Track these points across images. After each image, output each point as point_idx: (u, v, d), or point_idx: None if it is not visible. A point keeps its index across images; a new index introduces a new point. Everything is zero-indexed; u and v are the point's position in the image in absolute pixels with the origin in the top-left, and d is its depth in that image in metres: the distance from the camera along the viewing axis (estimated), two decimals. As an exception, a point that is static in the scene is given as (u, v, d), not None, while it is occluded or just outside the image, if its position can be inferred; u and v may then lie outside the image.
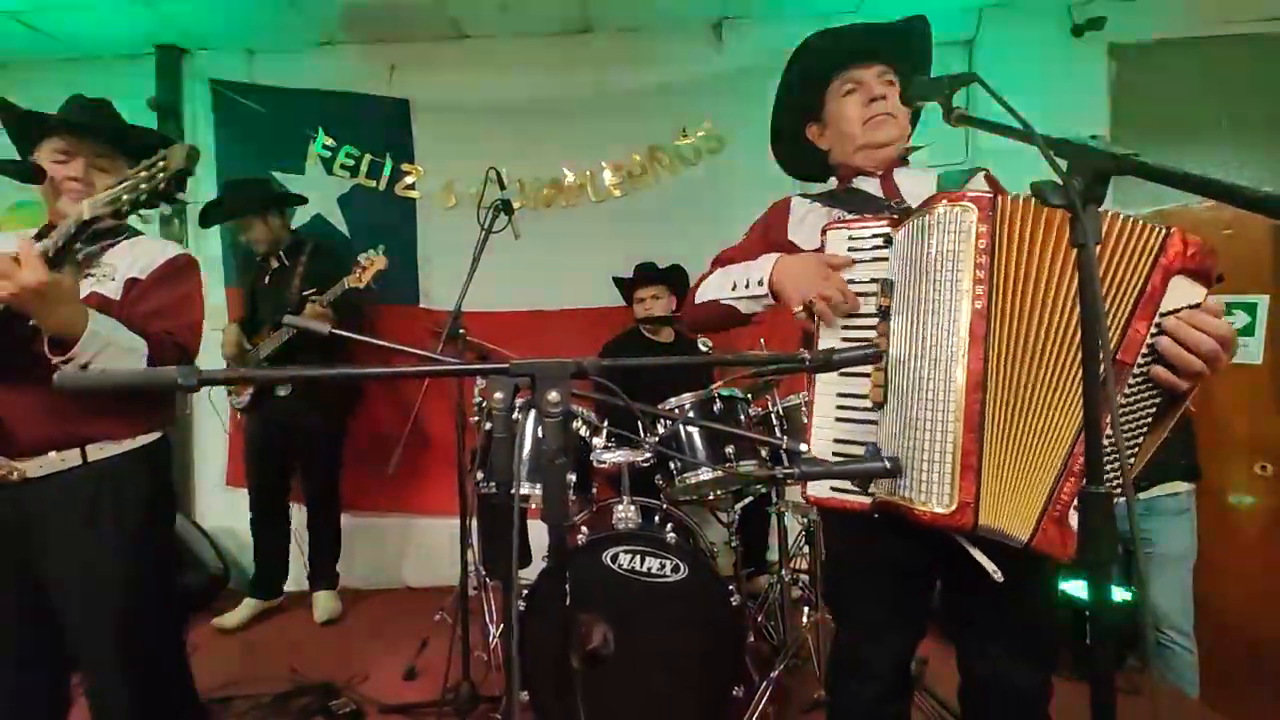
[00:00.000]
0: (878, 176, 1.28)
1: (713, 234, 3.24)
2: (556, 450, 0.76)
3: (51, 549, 1.30)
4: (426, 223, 3.38)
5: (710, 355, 2.25)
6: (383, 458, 3.15)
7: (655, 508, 2.04)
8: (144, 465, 1.40)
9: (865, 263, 1.09)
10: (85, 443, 1.32)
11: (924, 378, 0.95)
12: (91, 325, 1.18)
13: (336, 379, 1.73)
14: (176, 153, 1.11)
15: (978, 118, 0.89)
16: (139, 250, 1.43)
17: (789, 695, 2.07)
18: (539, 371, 0.74)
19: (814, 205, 1.31)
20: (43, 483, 1.29)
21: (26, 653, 1.33)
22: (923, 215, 0.98)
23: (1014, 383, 0.93)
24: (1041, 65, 3.16)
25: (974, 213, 0.93)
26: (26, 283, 1.08)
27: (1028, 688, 1.14)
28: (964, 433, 0.92)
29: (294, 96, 3.37)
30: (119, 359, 1.23)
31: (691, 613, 1.77)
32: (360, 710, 2.12)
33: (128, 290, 1.38)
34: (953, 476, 0.92)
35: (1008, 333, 0.93)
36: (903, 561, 1.14)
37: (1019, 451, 0.93)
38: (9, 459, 1.28)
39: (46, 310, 1.14)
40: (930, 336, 0.95)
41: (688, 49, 3.31)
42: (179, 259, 1.46)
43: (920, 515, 0.94)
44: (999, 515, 0.93)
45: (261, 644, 2.70)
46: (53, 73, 3.44)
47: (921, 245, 0.98)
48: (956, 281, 0.93)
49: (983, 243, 0.92)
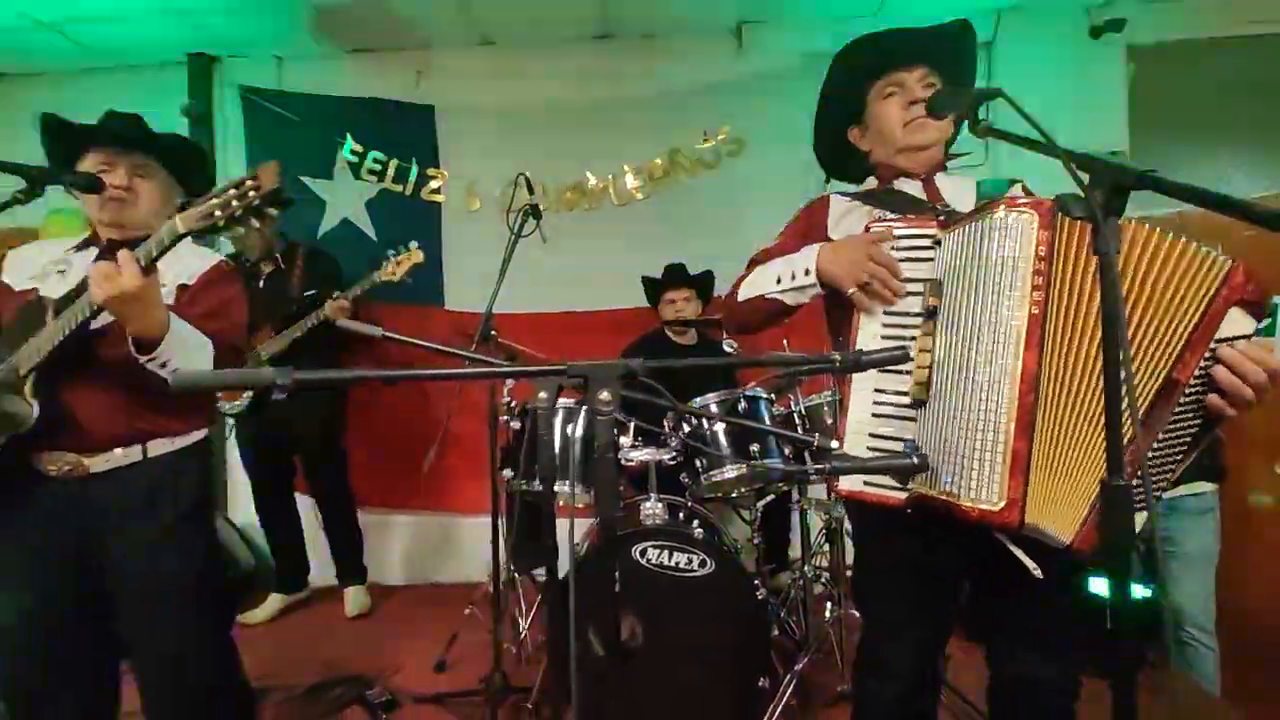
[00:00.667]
0: (920, 179, 1.29)
1: (734, 236, 3.33)
2: (608, 445, 0.81)
3: (111, 539, 1.38)
4: (450, 226, 3.46)
5: (736, 356, 2.31)
6: (411, 456, 3.24)
7: (681, 504, 2.09)
8: (194, 460, 1.49)
9: (907, 263, 1.10)
10: (148, 439, 1.40)
11: (976, 377, 0.98)
12: (173, 326, 1.27)
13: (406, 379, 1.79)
14: (266, 173, 1.15)
15: (1003, 130, 0.93)
16: (182, 258, 1.48)
17: (812, 689, 2.11)
18: (592, 373, 0.79)
19: (854, 204, 1.31)
20: (105, 477, 1.37)
21: (68, 637, 1.40)
22: (982, 219, 1.00)
23: (1065, 387, 0.96)
24: (1059, 67, 3.18)
25: (1035, 219, 0.95)
26: (126, 287, 1.16)
27: (1057, 688, 1.16)
28: (1016, 432, 0.94)
29: (322, 103, 3.46)
30: (192, 357, 1.31)
31: (718, 606, 1.82)
32: (395, 700, 2.19)
33: (179, 295, 1.45)
34: (1002, 474, 0.94)
35: (1061, 338, 0.95)
36: (929, 561, 1.16)
37: (1066, 455, 0.96)
38: (78, 454, 1.35)
39: (138, 313, 1.21)
40: (985, 337, 0.97)
41: (708, 53, 3.36)
42: (221, 265, 1.55)
43: (967, 511, 0.96)
44: (1044, 515, 0.95)
45: (294, 637, 2.78)
46: (88, 81, 3.55)
47: (978, 248, 0.99)
48: (1015, 286, 0.96)
49: (1042, 249, 0.95)
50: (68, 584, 1.38)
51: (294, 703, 2.19)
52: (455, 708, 2.15)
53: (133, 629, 1.43)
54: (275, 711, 2.14)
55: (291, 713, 2.14)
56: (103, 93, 3.51)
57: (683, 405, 0.91)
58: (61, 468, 1.35)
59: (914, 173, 1.29)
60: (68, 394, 1.34)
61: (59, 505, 1.37)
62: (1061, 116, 3.09)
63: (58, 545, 1.37)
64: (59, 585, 1.38)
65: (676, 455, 2.08)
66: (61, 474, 1.36)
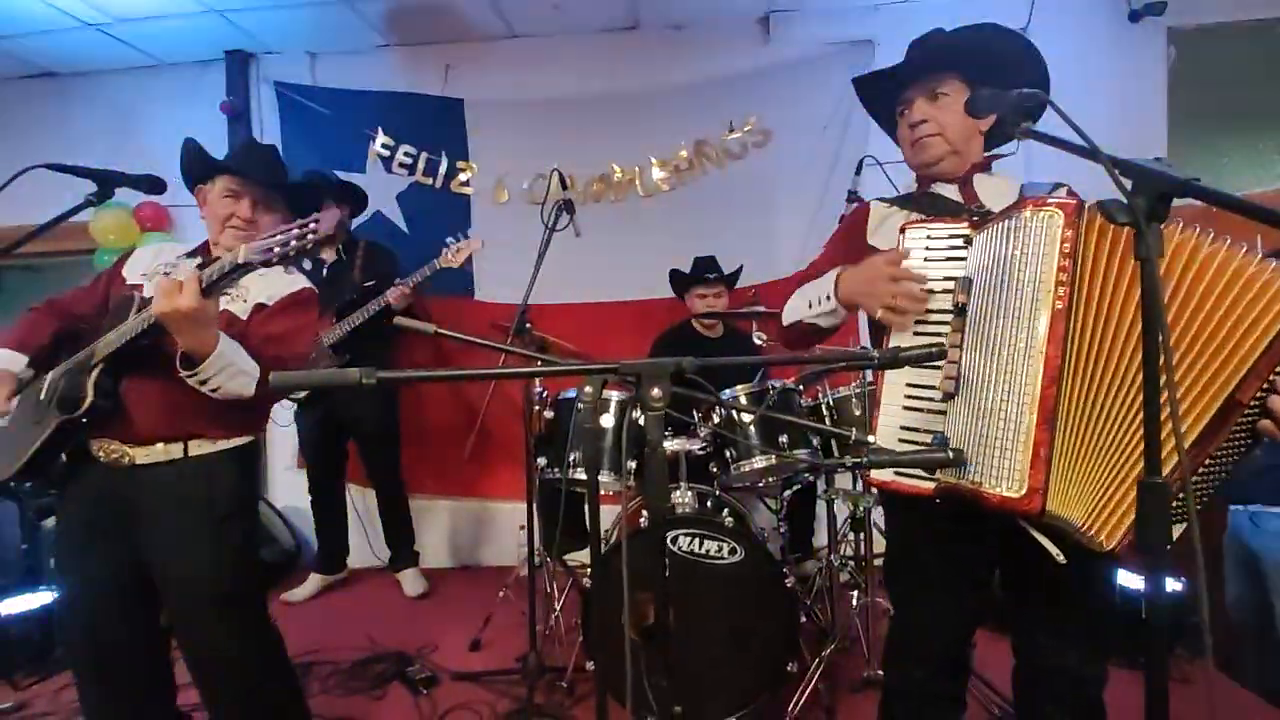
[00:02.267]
0: (956, 182, 1.31)
1: (760, 227, 3.35)
2: (659, 440, 0.85)
3: (147, 528, 1.46)
4: (480, 218, 3.51)
5: (769, 352, 2.33)
6: (444, 443, 3.33)
7: (710, 493, 2.14)
8: (234, 464, 1.54)
9: (941, 262, 1.13)
10: (190, 439, 1.47)
11: (1001, 370, 1.00)
12: (220, 347, 1.32)
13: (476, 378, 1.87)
14: (327, 219, 1.22)
15: (1043, 133, 0.94)
16: (270, 280, 1.57)
17: (839, 674, 2.15)
18: (644, 370, 0.83)
19: (893, 209, 1.34)
20: (147, 469, 1.45)
21: (116, 609, 1.49)
22: (1009, 218, 1.02)
23: (1089, 384, 0.97)
24: (1097, 52, 3.12)
25: (1060, 217, 0.97)
26: (181, 306, 1.23)
27: (1081, 675, 1.19)
28: (1038, 423, 0.96)
29: (354, 97, 3.53)
30: (234, 379, 1.37)
31: (747, 592, 1.87)
32: (435, 677, 2.28)
33: (254, 314, 1.53)
34: (1024, 463, 0.97)
35: (1089, 335, 0.97)
36: (959, 550, 1.19)
37: (1095, 450, 0.98)
38: (123, 444, 1.44)
39: (191, 331, 1.27)
40: (1010, 332, 1.00)
41: (734, 43, 3.36)
42: (302, 293, 1.60)
43: (990, 498, 0.99)
44: (1066, 505, 0.98)
45: (337, 616, 2.89)
46: (131, 79, 3.66)
47: (1006, 246, 1.02)
48: (1040, 282, 0.97)
49: (1067, 246, 0.96)
50: (123, 561, 1.47)
51: (339, 676, 2.29)
52: (492, 685, 2.23)
53: (173, 617, 1.51)
54: (322, 685, 2.24)
55: (338, 686, 2.24)
56: (146, 91, 3.62)
57: (725, 401, 0.95)
58: (110, 454, 1.44)
59: (950, 176, 1.31)
60: (127, 386, 1.43)
61: (109, 488, 1.46)
62: (1100, 102, 3.05)
63: (110, 525, 1.46)
64: (115, 561, 1.47)
65: (706, 445, 2.12)
66: (109, 460, 1.44)
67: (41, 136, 3.62)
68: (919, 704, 1.29)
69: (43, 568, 2.87)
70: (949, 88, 1.28)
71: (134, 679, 1.51)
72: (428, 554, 3.40)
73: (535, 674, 2.05)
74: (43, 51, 3.47)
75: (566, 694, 2.13)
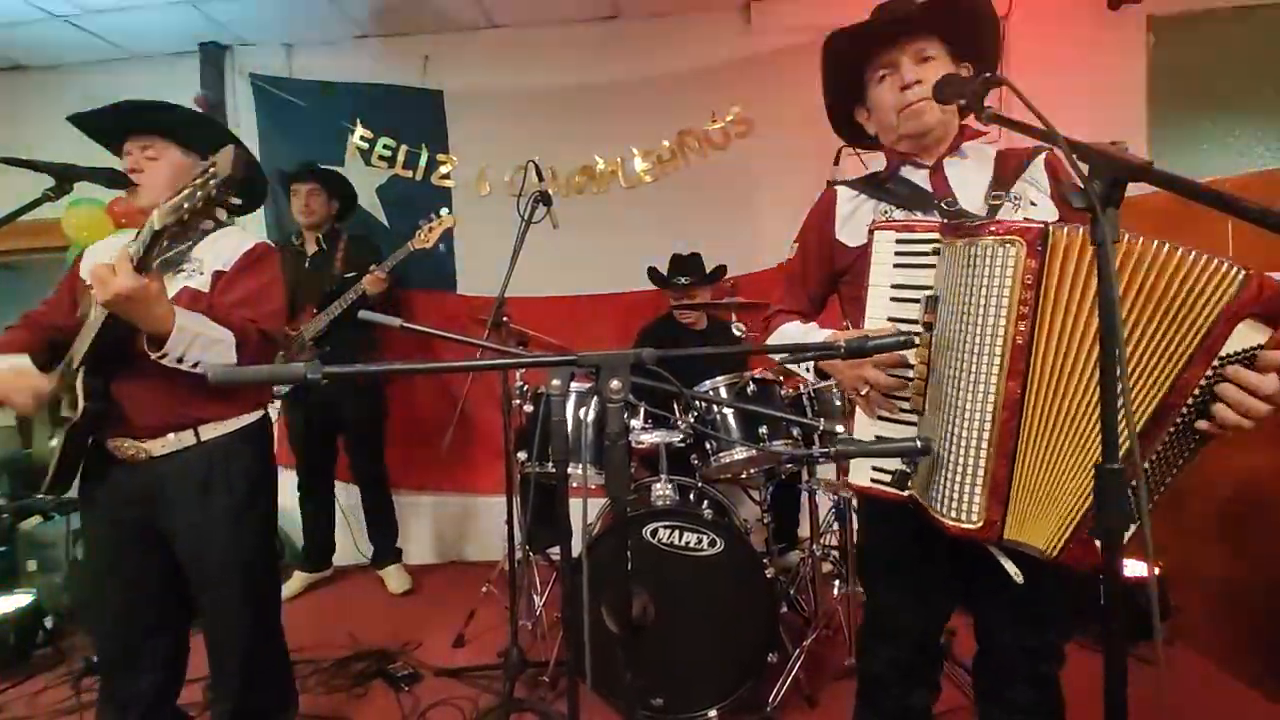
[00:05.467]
0: (927, 167, 1.24)
1: (743, 217, 3.34)
2: (619, 432, 0.84)
3: (172, 515, 1.48)
4: (461, 211, 3.46)
5: (746, 342, 2.33)
6: (427, 438, 3.31)
7: (691, 485, 2.13)
8: (248, 443, 1.56)
9: (909, 268, 1.09)
10: (198, 424, 1.48)
11: (961, 399, 0.98)
12: (178, 321, 1.29)
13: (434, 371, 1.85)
14: (223, 159, 1.13)
15: (1007, 118, 0.94)
16: (222, 243, 1.54)
17: (820, 663, 2.17)
18: (604, 362, 0.82)
19: (860, 197, 1.29)
20: (165, 459, 1.47)
21: (154, 605, 1.52)
22: (970, 244, 0.97)
23: (1050, 411, 0.95)
24: (1077, 40, 3.11)
25: (1022, 248, 0.92)
26: (120, 288, 1.20)
27: (1038, 657, 1.20)
28: (996, 458, 0.96)
29: (332, 90, 3.47)
30: (209, 350, 1.35)
31: (728, 584, 1.87)
32: (417, 674, 2.27)
33: (215, 282, 1.50)
34: (982, 497, 0.97)
35: (1047, 364, 0.94)
36: (931, 544, 1.18)
37: (1050, 475, 0.96)
38: (135, 440, 1.44)
39: (140, 312, 1.25)
40: (970, 362, 0.97)
41: (715, 33, 3.32)
42: (256, 249, 1.56)
43: (949, 528, 1.01)
44: (1024, 533, 0.98)
45: (320, 614, 2.88)
46: (102, 73, 3.59)
47: (968, 274, 0.97)
48: (999, 317, 0.95)
49: (1029, 278, 0.92)
50: (148, 558, 1.50)
51: (321, 675, 2.28)
52: (474, 681, 2.23)
53: (196, 596, 1.53)
54: (303, 684, 2.22)
55: (319, 685, 2.23)
56: (118, 84, 3.55)
57: (691, 391, 0.94)
58: (127, 451, 1.45)
59: (920, 161, 1.25)
60: (117, 384, 1.42)
61: (131, 485, 1.46)
62: (1080, 89, 3.05)
63: (135, 522, 1.48)
64: (140, 560, 1.49)
65: (686, 437, 2.12)
66: (127, 457, 1.45)
67: (9, 131, 3.54)
68: (891, 688, 1.30)
69: (20, 570, 2.84)
70: (933, 50, 1.21)
71: (161, 671, 1.53)
72: (412, 550, 3.38)
73: (516, 668, 2.05)
74: (10, 44, 3.40)
75: (549, 688, 2.13)
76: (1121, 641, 0.80)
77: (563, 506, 1.05)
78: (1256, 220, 0.57)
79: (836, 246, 1.30)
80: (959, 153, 1.25)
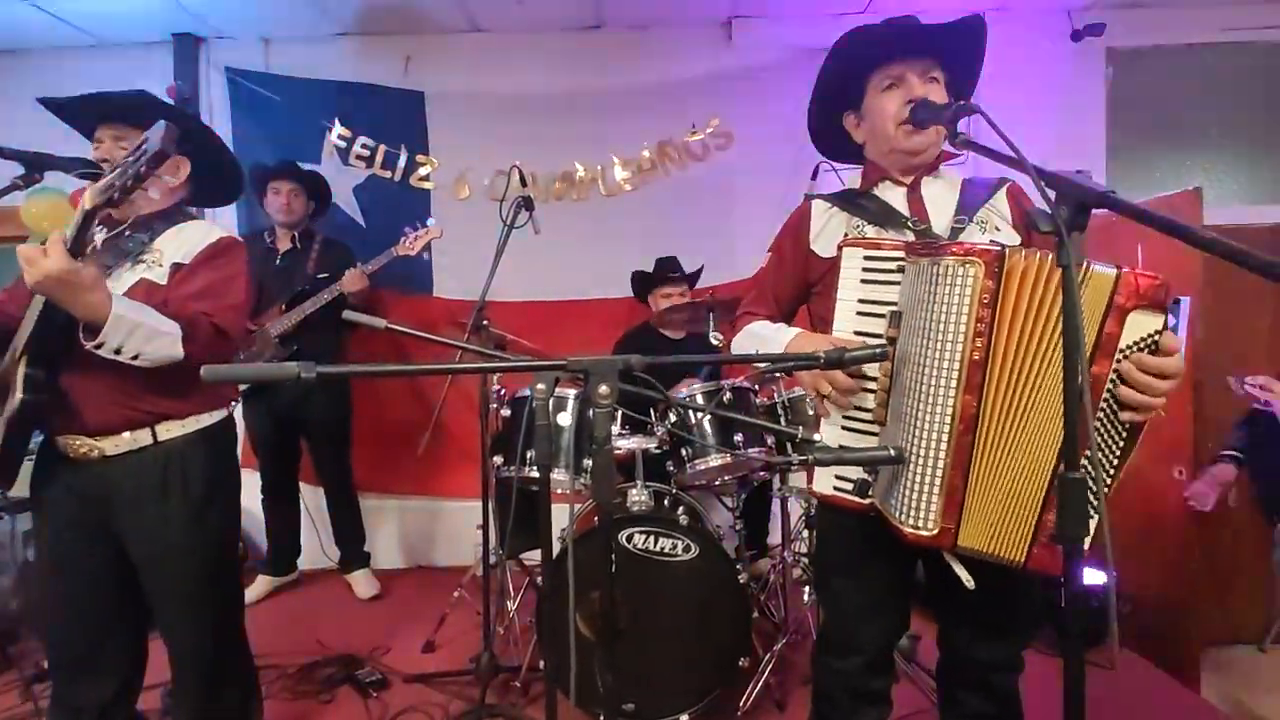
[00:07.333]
0: (904, 186, 1.27)
1: (721, 228, 3.40)
2: (606, 437, 0.86)
3: (128, 518, 1.42)
4: (440, 214, 3.44)
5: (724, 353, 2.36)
6: (393, 440, 3.27)
7: (666, 491, 2.15)
8: (208, 444, 1.50)
9: (876, 284, 1.13)
10: (155, 422, 1.41)
11: (919, 412, 1.03)
12: (116, 310, 1.23)
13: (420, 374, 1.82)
14: (154, 134, 1.12)
15: (979, 145, 0.99)
16: (185, 235, 1.49)
17: (790, 668, 2.20)
18: (593, 368, 0.84)
19: (834, 210, 1.31)
20: (121, 459, 1.40)
21: (111, 607, 1.46)
22: (934, 263, 1.01)
23: (1004, 423, 1.00)
24: (1041, 69, 3.26)
25: (980, 268, 0.97)
26: (50, 270, 1.15)
27: (997, 663, 1.25)
28: (951, 469, 1.01)
29: (310, 86, 3.43)
30: (150, 341, 1.29)
31: (701, 590, 1.89)
32: (385, 679, 2.24)
33: (173, 275, 1.44)
34: (938, 506, 1.02)
35: (1002, 379, 0.99)
36: (886, 554, 1.21)
37: (1006, 484, 1.01)
38: (88, 438, 1.38)
39: (72, 297, 1.20)
40: (928, 376, 1.02)
41: (698, 46, 3.39)
42: (221, 241, 1.50)
43: (906, 535, 1.05)
44: (980, 540, 1.02)
45: (286, 618, 2.82)
46: (71, 60, 3.48)
47: (929, 290, 1.02)
48: (957, 333, 0.99)
49: (986, 297, 0.97)
50: (104, 559, 1.44)
51: (286, 681, 2.24)
52: (444, 686, 2.21)
53: (153, 603, 1.48)
54: (268, 690, 2.17)
55: (284, 691, 2.19)
56: (86, 72, 3.45)
57: (676, 399, 0.96)
58: (79, 449, 1.39)
59: (899, 179, 1.28)
60: (65, 379, 1.35)
61: (85, 485, 1.41)
62: (1044, 117, 3.20)
63: (91, 522, 1.42)
64: (96, 561, 1.43)
65: (662, 444, 2.14)
66: (80, 455, 1.39)
67: (-28, 117, 3.42)
68: (844, 699, 1.31)
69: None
70: (937, 73, 1.23)
71: (117, 675, 1.48)
72: (379, 555, 3.33)
73: (488, 674, 2.04)
74: (-28, 27, 3.28)
75: (520, 694, 2.12)
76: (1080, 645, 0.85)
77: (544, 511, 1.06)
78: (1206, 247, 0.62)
79: (811, 257, 1.32)
80: (935, 174, 1.30)
